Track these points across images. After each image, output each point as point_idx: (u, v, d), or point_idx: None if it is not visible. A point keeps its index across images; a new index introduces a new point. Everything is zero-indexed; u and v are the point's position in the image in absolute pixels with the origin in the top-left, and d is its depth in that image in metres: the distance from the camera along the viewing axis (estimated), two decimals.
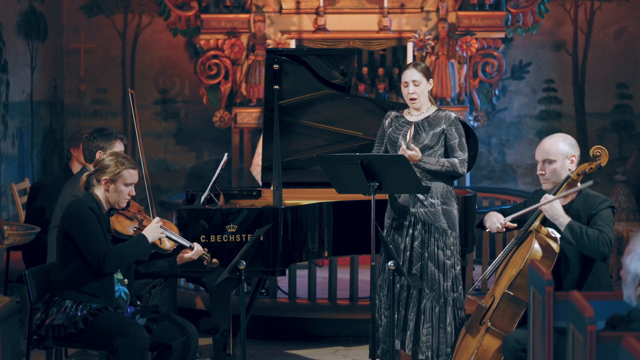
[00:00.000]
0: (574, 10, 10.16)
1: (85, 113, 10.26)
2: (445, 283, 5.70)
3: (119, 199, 5.12)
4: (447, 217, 5.75)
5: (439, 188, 5.75)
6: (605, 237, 4.79)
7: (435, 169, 5.70)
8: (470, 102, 9.81)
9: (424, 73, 5.79)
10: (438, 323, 5.68)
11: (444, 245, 5.72)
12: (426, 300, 5.69)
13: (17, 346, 6.30)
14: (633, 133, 10.15)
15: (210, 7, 9.86)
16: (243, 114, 9.75)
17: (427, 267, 5.70)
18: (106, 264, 4.96)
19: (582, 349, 3.26)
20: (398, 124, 5.84)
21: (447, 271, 5.71)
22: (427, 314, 5.68)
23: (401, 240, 5.74)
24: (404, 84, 5.80)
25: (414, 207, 5.74)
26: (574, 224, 4.82)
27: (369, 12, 9.78)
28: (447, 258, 5.72)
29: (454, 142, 5.76)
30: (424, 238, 5.72)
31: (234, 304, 5.97)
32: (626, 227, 8.63)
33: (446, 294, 5.70)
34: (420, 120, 5.80)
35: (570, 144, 5.03)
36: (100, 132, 6.02)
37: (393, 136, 5.82)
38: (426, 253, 5.71)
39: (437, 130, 5.75)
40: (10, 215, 8.61)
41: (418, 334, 5.69)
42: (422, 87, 5.78)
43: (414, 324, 5.70)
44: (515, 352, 4.73)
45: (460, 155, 5.75)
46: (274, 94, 6.12)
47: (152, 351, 5.13)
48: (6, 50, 8.67)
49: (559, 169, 5.01)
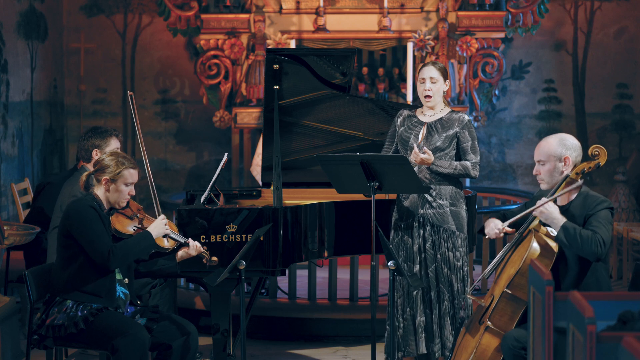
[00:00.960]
0: (574, 10, 10.16)
1: (85, 113, 10.27)
2: (457, 284, 5.72)
3: (119, 198, 5.12)
4: (455, 218, 5.75)
5: (448, 190, 5.75)
6: (598, 237, 4.79)
7: (448, 172, 5.69)
8: (470, 102, 9.81)
9: (442, 72, 5.78)
10: (454, 324, 5.71)
11: (454, 246, 5.73)
12: (447, 302, 5.71)
13: (17, 346, 6.30)
14: (633, 133, 10.15)
15: (210, 7, 9.86)
16: (243, 114, 9.75)
17: (442, 269, 5.72)
18: (111, 261, 4.96)
19: (582, 349, 3.26)
20: (410, 124, 5.83)
21: (458, 272, 5.73)
22: (448, 314, 5.70)
23: (412, 242, 5.75)
24: (420, 80, 5.79)
25: (423, 209, 5.74)
26: (568, 225, 4.82)
27: (369, 12, 9.78)
28: (457, 259, 5.73)
29: (466, 145, 5.75)
30: (434, 240, 5.73)
31: (234, 304, 5.97)
32: (626, 227, 8.63)
33: (458, 296, 5.72)
34: (434, 122, 5.78)
35: (565, 145, 5.01)
36: (95, 130, 6.02)
37: (405, 136, 5.81)
38: (439, 255, 5.72)
39: (450, 132, 5.74)
40: (10, 215, 8.62)
41: (442, 336, 5.71)
42: (438, 85, 5.77)
43: (436, 327, 5.72)
44: (514, 351, 4.74)
45: (472, 158, 5.75)
46: (274, 94, 6.11)
47: (152, 351, 5.13)
48: (6, 50, 8.67)
49: (551, 170, 5.01)
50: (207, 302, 7.13)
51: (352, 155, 5.51)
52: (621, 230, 8.66)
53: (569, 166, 5.00)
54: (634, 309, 3.44)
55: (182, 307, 7.02)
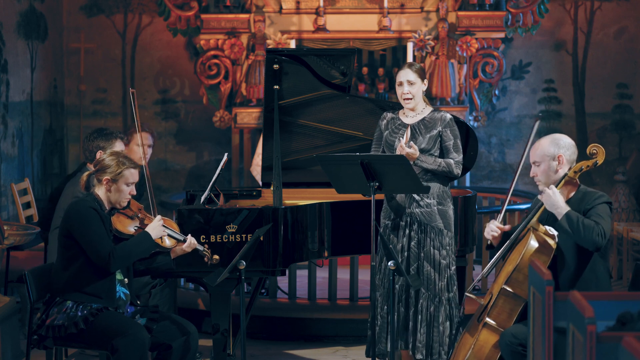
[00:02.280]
0: (574, 10, 10.16)
1: (85, 113, 10.26)
2: (440, 282, 5.72)
3: (120, 198, 5.12)
4: (442, 217, 5.77)
5: (435, 188, 5.77)
6: (600, 228, 4.83)
7: (432, 168, 5.71)
8: (470, 102, 9.81)
9: (419, 73, 5.79)
10: (432, 322, 5.70)
11: (440, 245, 5.74)
12: (422, 299, 5.71)
13: (17, 346, 6.30)
14: (633, 133, 10.15)
15: (210, 7, 9.86)
16: (243, 114, 9.75)
17: (424, 266, 5.73)
18: (112, 263, 4.97)
19: (582, 349, 3.26)
20: (394, 127, 5.85)
21: (443, 271, 5.74)
22: (424, 313, 5.71)
23: (397, 240, 5.77)
24: (398, 84, 5.82)
25: (410, 208, 5.76)
26: (571, 213, 4.87)
27: (369, 12, 9.78)
28: (442, 258, 5.74)
29: (448, 144, 5.77)
30: (420, 238, 5.74)
31: (234, 304, 5.97)
32: (626, 227, 8.63)
33: (440, 294, 5.72)
34: (416, 123, 5.81)
35: (558, 144, 5.03)
36: (100, 132, 6.02)
37: (390, 139, 5.83)
38: (422, 253, 5.74)
39: (434, 132, 5.77)
40: (10, 215, 8.61)
41: (416, 334, 5.71)
42: (416, 87, 5.79)
43: (412, 324, 5.72)
44: (511, 347, 4.75)
45: (455, 157, 5.77)
46: (274, 94, 6.12)
47: (152, 351, 5.13)
48: (6, 50, 8.67)
49: (546, 169, 5.04)
50: (207, 302, 7.13)
51: (352, 155, 5.51)
52: (621, 230, 8.66)
53: (563, 164, 5.02)
54: (634, 309, 3.45)
55: (182, 307, 7.01)
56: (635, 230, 8.54)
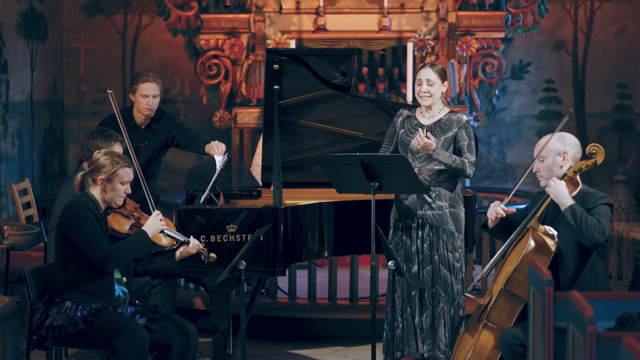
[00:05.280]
0: (574, 10, 10.15)
1: (85, 113, 10.26)
2: (456, 285, 5.73)
3: (116, 197, 5.12)
4: (454, 219, 5.77)
5: (447, 191, 5.76)
6: (602, 227, 4.86)
7: (447, 162, 5.69)
8: (470, 102, 9.81)
9: (440, 74, 5.78)
10: (453, 324, 5.72)
11: (453, 247, 5.75)
12: (443, 303, 5.71)
13: (17, 346, 6.30)
14: (633, 133, 10.15)
15: (210, 7, 9.86)
16: (243, 114, 9.75)
17: (439, 270, 5.72)
18: (108, 263, 4.97)
19: (582, 349, 3.26)
20: (411, 126, 5.83)
21: (458, 273, 5.74)
22: (445, 317, 5.70)
23: (410, 242, 5.76)
24: (417, 82, 5.80)
25: (422, 210, 5.75)
26: (576, 207, 4.89)
27: (369, 12, 9.78)
28: (456, 260, 5.75)
29: (463, 144, 5.76)
30: (432, 241, 5.74)
31: (234, 304, 5.97)
32: (626, 227, 8.63)
33: (458, 297, 5.73)
34: (433, 124, 5.79)
35: (564, 141, 5.07)
36: (101, 132, 6.01)
37: (405, 139, 5.81)
38: (436, 256, 5.73)
39: (449, 134, 5.76)
40: (10, 215, 8.61)
41: (435, 337, 5.71)
42: (435, 87, 5.76)
43: (428, 327, 5.72)
44: (512, 347, 4.76)
45: (469, 157, 5.76)
46: (274, 94, 6.11)
47: (152, 351, 5.13)
48: (6, 50, 8.67)
49: (550, 165, 5.06)
50: (207, 302, 7.13)
51: (352, 155, 5.51)
52: (621, 230, 8.66)
53: (567, 161, 5.03)
54: (633, 309, 3.45)
55: (182, 307, 7.01)
56: (635, 230, 8.53)
